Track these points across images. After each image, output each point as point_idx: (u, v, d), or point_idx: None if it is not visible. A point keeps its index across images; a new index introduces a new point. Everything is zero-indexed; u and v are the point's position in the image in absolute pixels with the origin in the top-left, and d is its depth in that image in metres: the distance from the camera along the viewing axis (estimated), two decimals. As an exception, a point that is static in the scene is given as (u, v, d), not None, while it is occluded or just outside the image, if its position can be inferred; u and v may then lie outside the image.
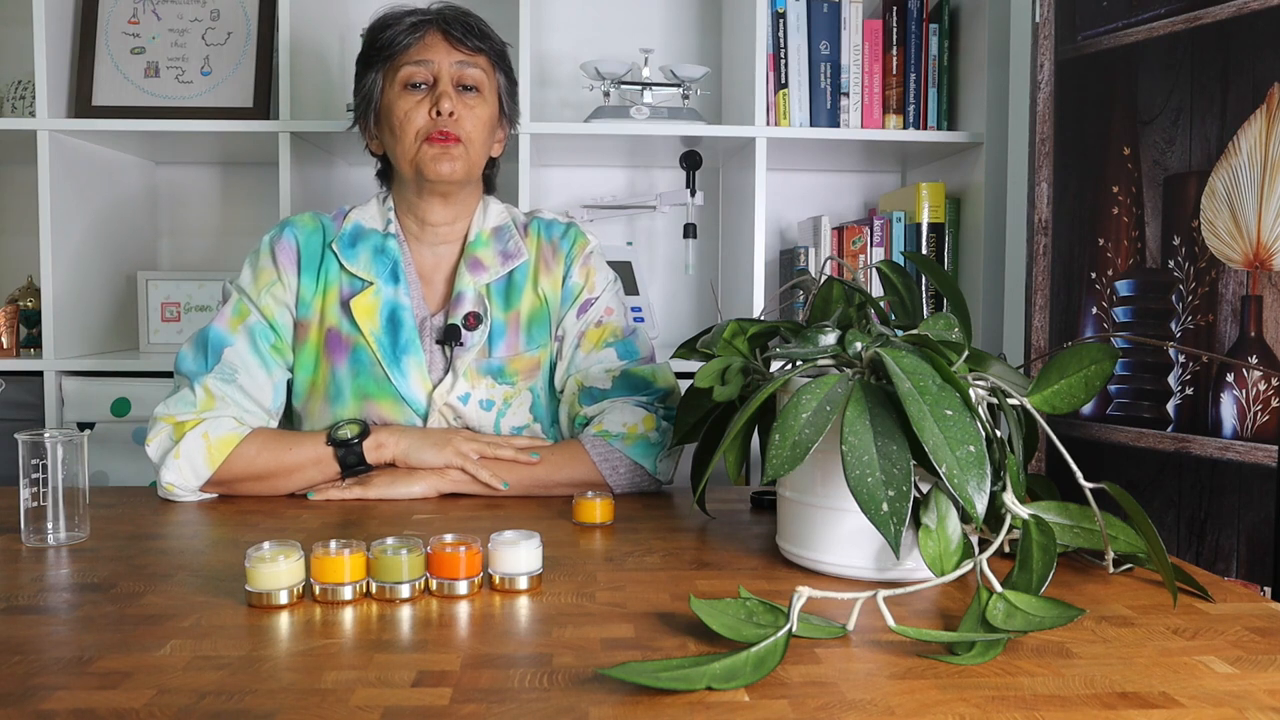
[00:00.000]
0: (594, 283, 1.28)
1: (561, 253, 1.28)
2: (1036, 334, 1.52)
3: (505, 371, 1.23)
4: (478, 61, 1.23)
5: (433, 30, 1.21)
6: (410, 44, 1.20)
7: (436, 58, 1.20)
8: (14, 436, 0.92)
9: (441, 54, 1.21)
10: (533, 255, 1.28)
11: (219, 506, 1.09)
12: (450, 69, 1.21)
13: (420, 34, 1.21)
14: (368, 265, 1.23)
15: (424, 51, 1.20)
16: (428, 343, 1.23)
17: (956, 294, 0.98)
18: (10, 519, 1.01)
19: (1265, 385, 1.23)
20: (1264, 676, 0.63)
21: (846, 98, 1.94)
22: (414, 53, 1.20)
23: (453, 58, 1.21)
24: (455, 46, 1.21)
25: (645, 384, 1.22)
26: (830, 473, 0.81)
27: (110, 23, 1.93)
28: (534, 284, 1.27)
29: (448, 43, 1.21)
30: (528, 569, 0.79)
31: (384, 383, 1.20)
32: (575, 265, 1.28)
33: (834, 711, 0.57)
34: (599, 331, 1.25)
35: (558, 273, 1.27)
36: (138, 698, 0.58)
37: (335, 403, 1.21)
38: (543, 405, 1.26)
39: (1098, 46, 1.44)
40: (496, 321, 1.24)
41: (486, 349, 1.23)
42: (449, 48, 1.21)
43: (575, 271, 1.27)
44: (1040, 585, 0.72)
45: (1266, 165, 1.23)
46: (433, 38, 1.21)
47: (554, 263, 1.28)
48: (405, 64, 1.20)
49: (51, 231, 1.79)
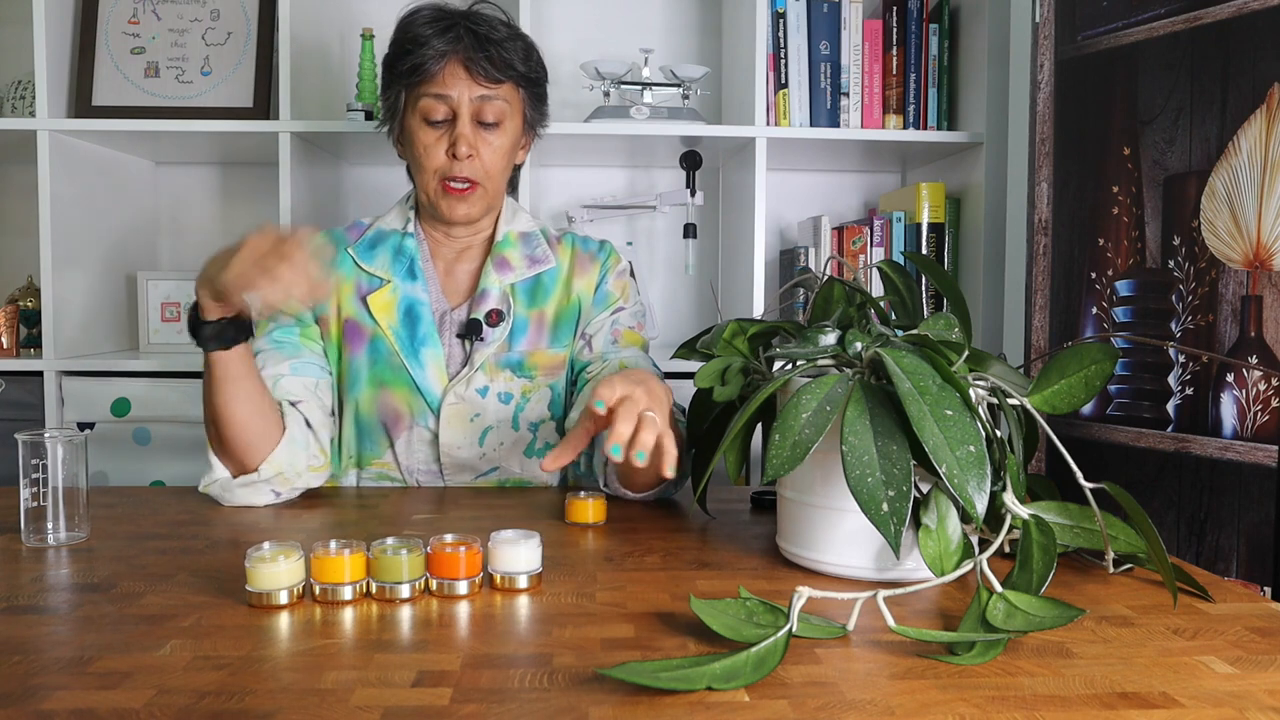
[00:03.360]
0: (628, 295, 1.30)
1: (598, 262, 1.30)
2: (1036, 334, 1.52)
3: (525, 365, 1.24)
4: (500, 92, 1.20)
5: (455, 61, 1.17)
6: (434, 74, 1.17)
7: (456, 91, 1.18)
8: (14, 436, 0.92)
9: (463, 87, 1.18)
10: (566, 262, 1.29)
11: (219, 507, 1.09)
12: (470, 103, 1.18)
13: (442, 64, 1.17)
14: (385, 265, 1.24)
15: (445, 85, 1.18)
16: (446, 336, 1.24)
17: (956, 294, 0.98)
18: (10, 519, 1.01)
19: (1265, 385, 1.23)
20: (1264, 676, 0.63)
21: (846, 98, 1.94)
22: (435, 84, 1.18)
23: (474, 91, 1.18)
24: (477, 80, 1.18)
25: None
26: (830, 473, 0.81)
27: (110, 23, 1.92)
28: (567, 286, 1.27)
29: (469, 76, 1.18)
30: (527, 568, 0.79)
31: (400, 371, 1.20)
32: (611, 275, 1.29)
33: (834, 711, 0.57)
34: (634, 335, 1.27)
35: (593, 278, 1.29)
36: (138, 698, 0.58)
37: (353, 388, 1.21)
38: (561, 404, 1.27)
39: (1098, 46, 1.44)
40: (519, 318, 1.25)
41: (507, 344, 1.23)
42: (470, 81, 1.18)
43: (611, 281, 1.29)
44: (1040, 585, 0.72)
45: (1266, 165, 1.23)
46: (454, 69, 1.17)
47: (590, 268, 1.29)
48: (425, 95, 1.18)
49: (51, 231, 1.79)
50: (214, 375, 1.05)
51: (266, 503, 1.10)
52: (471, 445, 1.20)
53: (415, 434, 1.20)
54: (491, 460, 1.22)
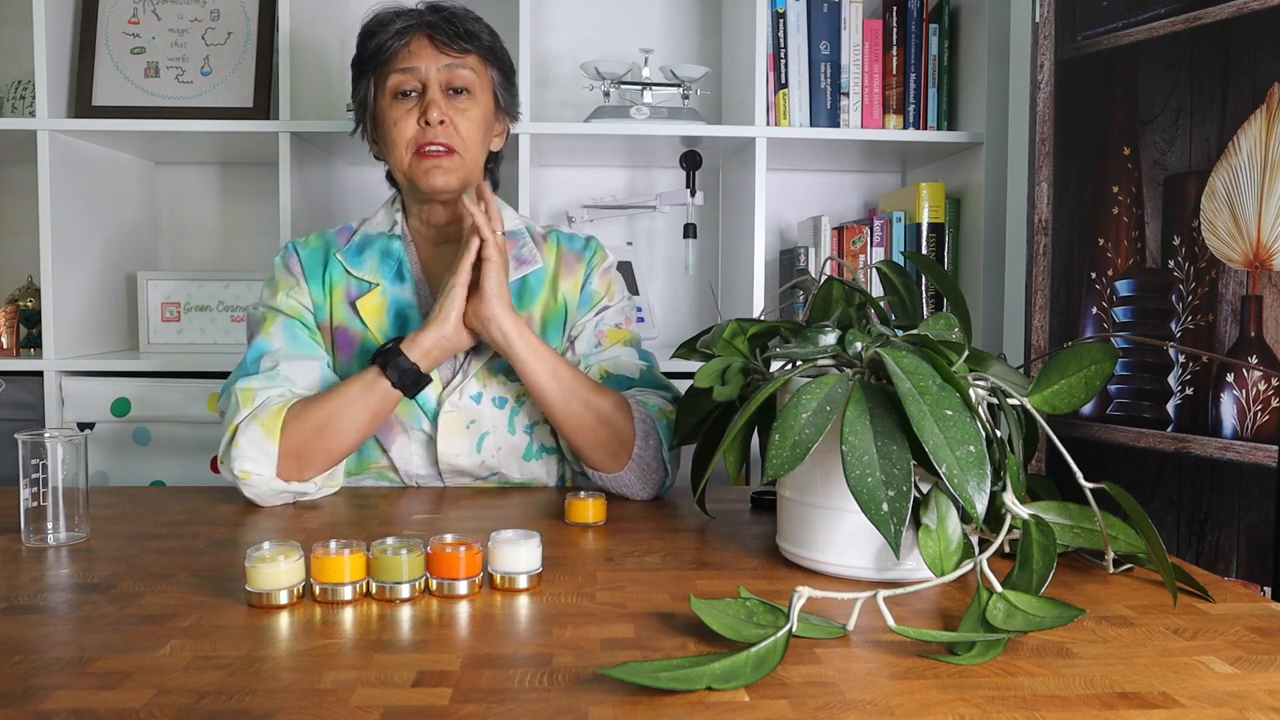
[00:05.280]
0: (614, 292, 1.29)
1: (583, 260, 1.29)
2: (1036, 334, 1.52)
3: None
4: (466, 62, 1.21)
5: (418, 35, 1.20)
6: (397, 50, 1.19)
7: (423, 63, 1.19)
8: (14, 436, 0.92)
9: (428, 59, 1.19)
10: (552, 261, 1.28)
11: (219, 506, 1.09)
12: (438, 73, 1.19)
13: (406, 40, 1.19)
14: (373, 269, 1.24)
15: (410, 58, 1.19)
16: None
17: (956, 294, 0.98)
18: (10, 519, 1.01)
19: (1265, 385, 1.23)
20: (1264, 676, 0.63)
21: (846, 98, 1.94)
22: (401, 59, 1.19)
23: (440, 61, 1.19)
24: (442, 50, 1.19)
25: (665, 388, 1.24)
26: (830, 473, 0.81)
27: (110, 23, 1.93)
28: (553, 287, 1.27)
29: (434, 46, 1.19)
30: (527, 568, 0.79)
31: None
32: (595, 274, 1.29)
33: (834, 711, 0.57)
34: (619, 333, 1.27)
35: (578, 277, 1.28)
36: (138, 698, 0.58)
37: None
38: None
39: (1098, 46, 1.44)
40: None
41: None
42: (435, 51, 1.19)
43: (595, 279, 1.28)
44: (1040, 585, 0.72)
45: (1266, 165, 1.23)
46: (419, 43, 1.19)
47: (576, 267, 1.28)
48: (393, 72, 1.19)
49: (51, 231, 1.79)
50: (372, 405, 1.12)
51: (281, 504, 1.11)
52: (470, 453, 1.20)
53: (412, 436, 1.20)
54: (490, 466, 1.21)
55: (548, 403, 1.14)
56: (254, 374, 1.15)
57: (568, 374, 1.14)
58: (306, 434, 1.09)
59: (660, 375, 1.26)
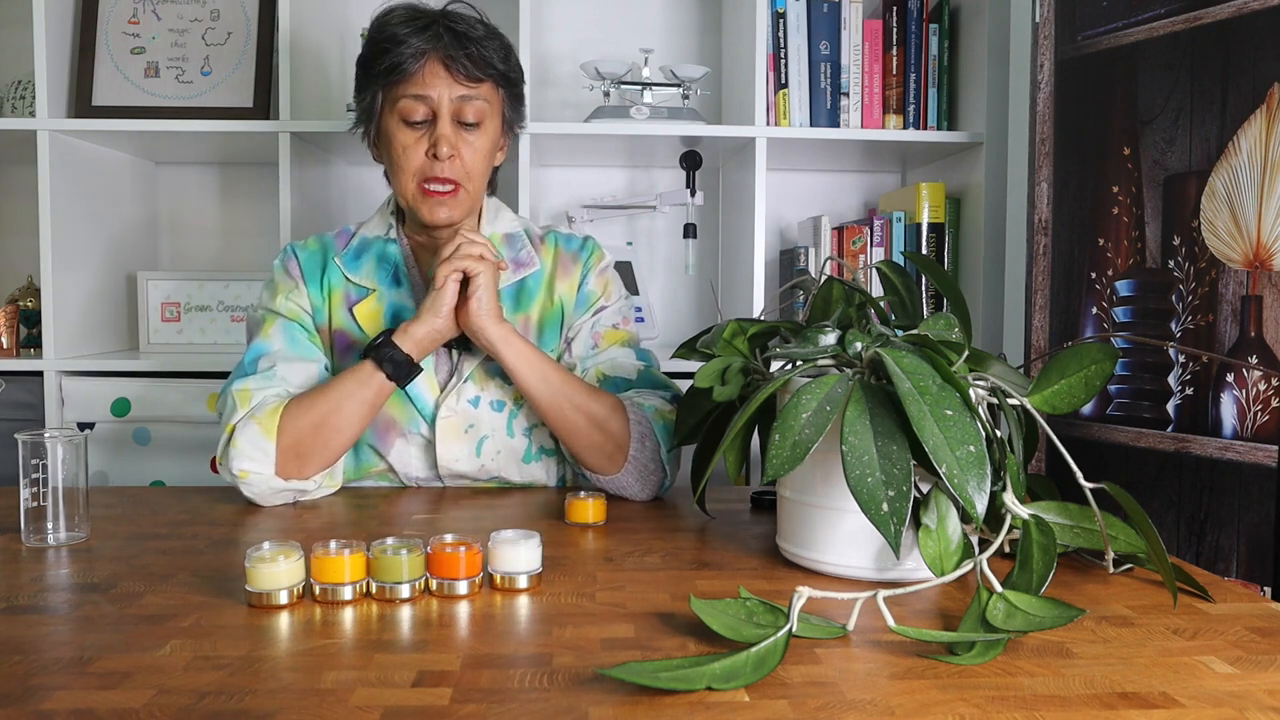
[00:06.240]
0: (610, 292, 1.29)
1: (579, 261, 1.29)
2: (1036, 334, 1.52)
3: None
4: (480, 91, 1.18)
5: (434, 59, 1.16)
6: (411, 72, 1.15)
7: (436, 91, 1.16)
8: (14, 436, 0.92)
9: (442, 86, 1.16)
10: (549, 263, 1.28)
11: (219, 506, 1.09)
12: (450, 103, 1.16)
13: (421, 63, 1.15)
14: (370, 274, 1.23)
15: (424, 85, 1.16)
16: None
17: (956, 294, 0.98)
18: (10, 519, 1.01)
19: (1265, 385, 1.23)
20: (1264, 676, 0.63)
21: (846, 98, 1.94)
22: (414, 84, 1.16)
23: (454, 91, 1.16)
24: (457, 79, 1.16)
25: (665, 387, 1.24)
26: (830, 473, 0.81)
27: (110, 23, 1.92)
28: (549, 289, 1.26)
29: (449, 74, 1.16)
30: (527, 568, 0.79)
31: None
32: (592, 274, 1.28)
33: (834, 711, 0.57)
34: (616, 334, 1.26)
35: (575, 278, 1.28)
36: (138, 698, 0.58)
37: None
38: None
39: (1098, 46, 1.44)
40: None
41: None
42: (450, 80, 1.16)
43: (592, 280, 1.28)
44: (1040, 585, 0.72)
45: (1266, 165, 1.23)
46: (433, 68, 1.16)
47: (572, 269, 1.28)
48: (404, 96, 1.16)
49: (51, 231, 1.79)
50: (366, 397, 1.12)
51: (281, 503, 1.11)
52: (469, 457, 1.20)
53: (410, 440, 1.20)
54: (490, 470, 1.21)
55: (540, 408, 1.15)
56: (251, 375, 1.15)
57: (558, 379, 1.14)
58: (304, 430, 1.09)
59: (659, 374, 1.26)
